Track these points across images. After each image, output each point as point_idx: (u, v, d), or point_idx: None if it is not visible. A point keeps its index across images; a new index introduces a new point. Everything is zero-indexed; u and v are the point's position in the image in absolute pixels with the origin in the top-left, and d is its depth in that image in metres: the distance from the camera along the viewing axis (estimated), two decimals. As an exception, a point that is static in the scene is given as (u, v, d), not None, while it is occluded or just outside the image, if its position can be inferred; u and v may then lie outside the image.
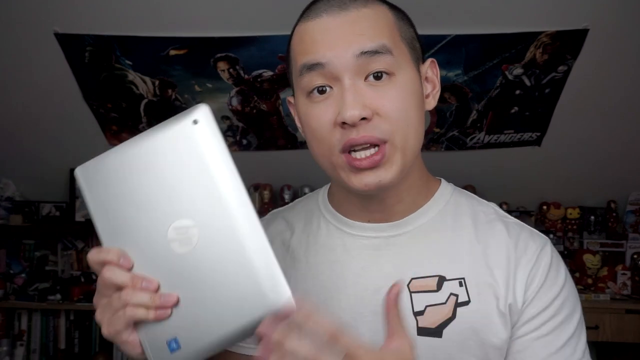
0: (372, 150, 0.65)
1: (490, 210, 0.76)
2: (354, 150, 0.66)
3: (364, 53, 0.64)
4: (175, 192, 0.54)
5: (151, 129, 0.55)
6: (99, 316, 0.57)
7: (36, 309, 2.62)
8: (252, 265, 0.52)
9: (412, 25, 0.72)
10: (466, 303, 0.68)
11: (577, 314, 0.71)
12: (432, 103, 0.73)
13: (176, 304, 0.54)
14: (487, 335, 0.68)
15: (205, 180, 0.53)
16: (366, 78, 0.65)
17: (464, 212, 0.75)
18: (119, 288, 0.54)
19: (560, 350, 0.68)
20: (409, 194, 0.73)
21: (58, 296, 2.55)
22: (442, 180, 0.79)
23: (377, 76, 0.65)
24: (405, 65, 0.68)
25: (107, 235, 0.56)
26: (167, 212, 0.54)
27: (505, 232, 0.72)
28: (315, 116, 0.67)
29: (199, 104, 0.55)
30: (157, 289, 0.54)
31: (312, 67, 0.66)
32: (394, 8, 0.71)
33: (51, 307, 2.58)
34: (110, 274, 0.54)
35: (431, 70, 0.74)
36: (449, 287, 0.69)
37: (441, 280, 0.69)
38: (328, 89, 0.66)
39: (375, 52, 0.65)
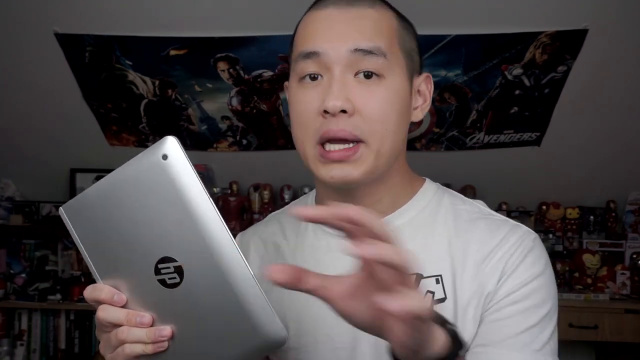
0: (347, 146, 0.67)
1: (474, 208, 0.76)
2: (330, 143, 0.67)
3: (358, 50, 0.66)
4: (156, 228, 0.54)
5: (125, 164, 0.55)
6: (102, 350, 0.59)
7: (36, 309, 2.62)
8: (239, 299, 0.53)
9: (415, 38, 0.74)
10: (442, 300, 0.69)
11: (545, 308, 0.68)
12: (419, 115, 0.75)
13: (171, 336, 0.55)
14: (463, 332, 0.68)
15: (182, 217, 0.53)
16: (356, 74, 0.67)
17: (445, 211, 0.75)
18: (116, 325, 0.56)
19: (518, 336, 0.66)
20: (388, 195, 0.74)
21: (58, 296, 2.56)
22: (427, 180, 0.80)
23: (367, 75, 0.67)
24: (397, 71, 0.69)
25: (99, 270, 0.57)
26: (150, 249, 0.54)
27: (487, 228, 0.72)
28: (303, 101, 0.69)
29: (166, 137, 0.54)
30: (152, 324, 0.55)
31: (309, 55, 0.68)
32: (400, 17, 0.72)
33: (51, 307, 2.58)
34: (105, 314, 0.56)
35: (425, 84, 0.75)
36: (425, 285, 0.69)
37: (418, 278, 0.70)
38: (319, 77, 0.68)
39: (369, 52, 0.66)
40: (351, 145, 0.67)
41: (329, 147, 0.67)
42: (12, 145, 2.55)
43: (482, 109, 2.33)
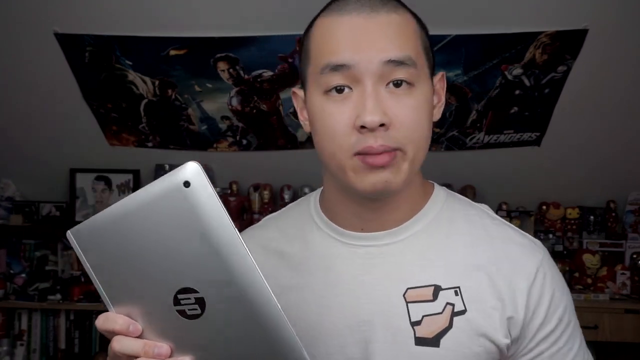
0: (385, 156, 0.65)
1: (483, 214, 0.76)
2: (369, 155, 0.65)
3: (390, 61, 0.64)
4: (176, 258, 0.52)
5: (142, 189, 0.52)
6: None
7: (36, 309, 2.62)
8: (265, 333, 0.51)
9: (429, 37, 0.73)
10: (462, 312, 0.68)
11: (578, 327, 0.74)
12: (437, 115, 0.74)
13: None
14: (484, 344, 0.68)
15: (205, 247, 0.51)
16: (387, 84, 0.65)
17: (458, 218, 0.74)
18: (131, 356, 0.54)
19: (576, 356, 0.71)
20: (406, 202, 0.73)
21: (58, 296, 2.56)
22: (435, 184, 0.79)
23: (397, 84, 0.65)
24: (423, 77, 0.68)
25: (111, 297, 0.55)
26: (169, 279, 0.52)
27: (499, 238, 0.72)
28: (332, 115, 0.66)
29: (188, 163, 0.51)
30: (170, 354, 0.54)
31: (337, 68, 0.65)
32: (416, 17, 0.71)
33: (51, 307, 2.58)
34: (120, 346, 0.54)
35: (439, 83, 0.74)
36: (444, 297, 0.69)
37: (437, 289, 0.69)
38: (347, 89, 0.66)
39: (401, 63, 0.64)
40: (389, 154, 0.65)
41: (369, 158, 0.65)
42: (12, 145, 2.55)
43: (482, 109, 2.33)
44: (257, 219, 2.60)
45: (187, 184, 0.50)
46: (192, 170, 0.50)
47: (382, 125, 0.64)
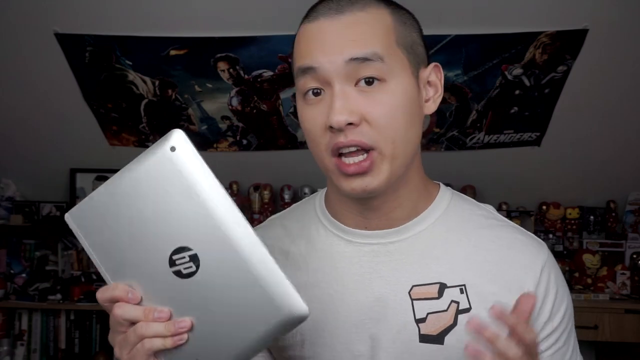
0: (361, 157, 0.66)
1: (489, 214, 0.76)
2: (344, 155, 0.66)
3: (353, 59, 0.65)
4: (168, 221, 0.54)
5: (131, 162, 0.55)
6: (117, 353, 0.58)
7: (36, 309, 2.62)
8: (258, 278, 0.53)
9: (416, 28, 0.72)
10: (467, 310, 0.69)
11: (573, 318, 0.75)
12: (432, 107, 0.73)
13: (191, 328, 0.55)
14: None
15: (194, 205, 0.53)
16: (357, 83, 0.66)
17: (464, 217, 0.75)
18: (133, 323, 0.55)
19: (571, 357, 0.73)
20: (409, 199, 0.73)
21: (58, 296, 2.56)
22: (441, 184, 0.79)
23: (369, 81, 0.65)
24: (399, 71, 0.67)
25: (110, 273, 0.57)
26: (163, 242, 0.54)
27: (505, 238, 0.73)
28: (309, 118, 0.68)
29: (173, 130, 0.54)
30: (170, 317, 0.55)
31: (306, 70, 0.67)
32: (396, 11, 0.70)
33: (51, 307, 2.58)
34: (122, 312, 0.55)
35: (434, 74, 0.73)
36: (449, 294, 0.69)
37: (442, 287, 0.69)
38: (322, 91, 0.67)
39: (365, 59, 0.65)
40: (364, 155, 0.66)
41: (346, 159, 0.66)
42: (12, 146, 2.55)
43: (482, 109, 2.33)
44: (257, 218, 2.60)
45: (172, 148, 0.54)
46: (176, 136, 0.54)
47: (351, 124, 0.64)
